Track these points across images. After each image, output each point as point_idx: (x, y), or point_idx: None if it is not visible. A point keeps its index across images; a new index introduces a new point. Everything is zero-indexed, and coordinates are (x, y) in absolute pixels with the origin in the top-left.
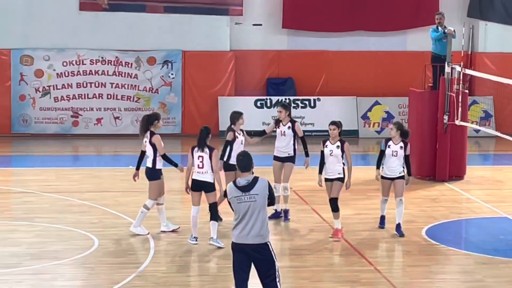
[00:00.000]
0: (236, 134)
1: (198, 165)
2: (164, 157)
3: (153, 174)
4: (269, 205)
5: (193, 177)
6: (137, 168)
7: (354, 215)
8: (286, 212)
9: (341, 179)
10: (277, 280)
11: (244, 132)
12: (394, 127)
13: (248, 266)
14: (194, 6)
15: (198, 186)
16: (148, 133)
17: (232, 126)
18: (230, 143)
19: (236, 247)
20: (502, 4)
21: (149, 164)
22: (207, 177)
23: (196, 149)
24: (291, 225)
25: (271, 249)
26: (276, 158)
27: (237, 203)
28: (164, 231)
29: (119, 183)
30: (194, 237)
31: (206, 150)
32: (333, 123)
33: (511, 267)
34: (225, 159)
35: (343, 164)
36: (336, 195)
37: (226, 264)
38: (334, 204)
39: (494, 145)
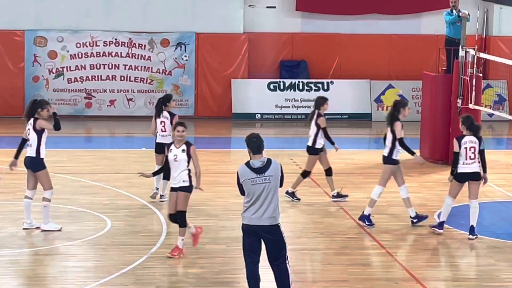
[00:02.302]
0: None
1: (161, 129)
2: (56, 125)
3: (38, 164)
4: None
5: (157, 141)
6: (16, 157)
7: (366, 199)
8: None
9: (186, 188)
10: (287, 262)
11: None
12: (460, 121)
13: (259, 248)
14: None
15: (162, 148)
16: (31, 120)
17: (320, 111)
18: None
19: (247, 229)
20: None
21: (31, 153)
22: (169, 140)
23: (159, 115)
24: (303, 208)
25: (282, 231)
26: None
27: (251, 185)
28: (26, 228)
29: (132, 164)
30: (157, 188)
31: (167, 115)
32: (181, 124)
33: None
34: (310, 143)
35: (189, 170)
36: (182, 208)
37: (237, 246)
38: (180, 218)
39: (507, 129)
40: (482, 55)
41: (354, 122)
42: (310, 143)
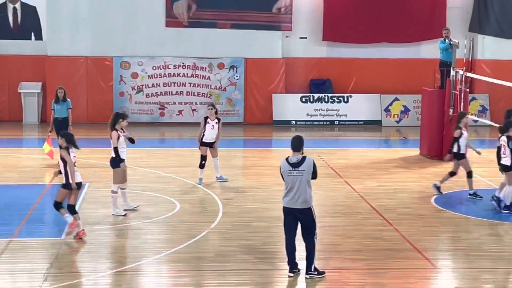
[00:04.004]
0: (462, 131)
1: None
2: (115, 150)
3: (112, 162)
4: (312, 178)
5: (203, 140)
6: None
7: (378, 187)
8: None
9: (62, 185)
10: (315, 237)
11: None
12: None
13: (296, 225)
14: (254, 23)
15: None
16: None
17: (459, 124)
18: (458, 139)
19: (286, 210)
20: (496, 21)
21: (112, 153)
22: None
23: (208, 119)
24: (328, 194)
25: (313, 212)
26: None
27: (288, 176)
28: (127, 209)
29: (196, 160)
30: (200, 178)
31: (216, 120)
32: (60, 135)
33: (500, 228)
34: (455, 150)
35: (65, 170)
36: (57, 199)
37: (277, 223)
38: (55, 206)
39: (489, 132)
40: (469, 74)
41: (367, 127)
42: (455, 150)
